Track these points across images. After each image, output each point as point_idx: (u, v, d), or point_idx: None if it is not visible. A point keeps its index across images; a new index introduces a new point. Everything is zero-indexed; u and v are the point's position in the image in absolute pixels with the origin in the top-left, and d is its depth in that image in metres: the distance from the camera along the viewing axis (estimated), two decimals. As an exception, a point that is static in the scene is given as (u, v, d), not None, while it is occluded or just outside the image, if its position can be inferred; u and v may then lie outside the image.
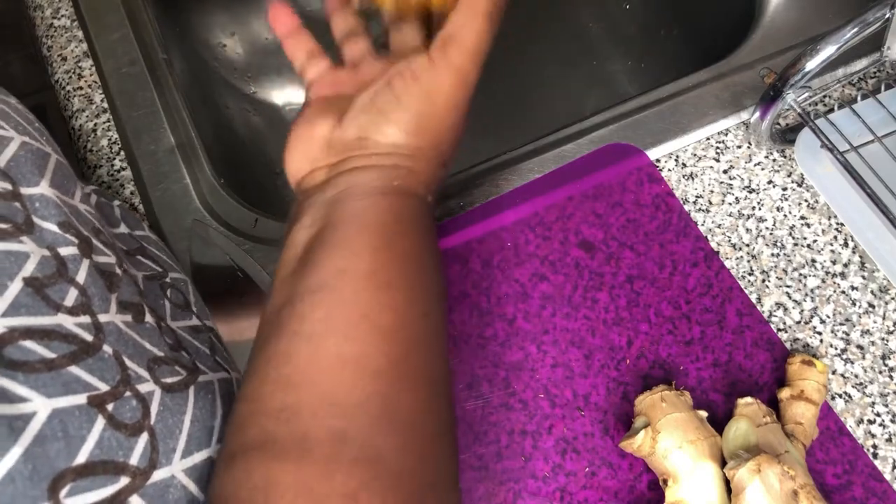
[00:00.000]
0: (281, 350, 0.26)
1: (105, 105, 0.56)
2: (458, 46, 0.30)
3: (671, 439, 0.38)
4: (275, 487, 0.22)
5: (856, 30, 0.42)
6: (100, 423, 0.23)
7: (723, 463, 0.38)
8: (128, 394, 0.25)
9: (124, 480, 0.23)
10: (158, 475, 0.24)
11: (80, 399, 0.23)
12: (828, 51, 0.43)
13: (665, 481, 0.38)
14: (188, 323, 0.36)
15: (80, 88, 0.56)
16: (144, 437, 0.24)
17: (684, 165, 0.50)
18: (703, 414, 0.40)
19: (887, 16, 0.42)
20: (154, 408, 0.25)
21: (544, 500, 0.41)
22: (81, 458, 0.22)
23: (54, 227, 0.27)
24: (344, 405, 0.24)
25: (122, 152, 0.53)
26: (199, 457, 0.26)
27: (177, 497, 0.24)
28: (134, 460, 0.23)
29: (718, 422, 0.40)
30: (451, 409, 0.28)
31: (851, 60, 0.52)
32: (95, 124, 0.55)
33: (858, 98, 0.48)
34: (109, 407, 0.23)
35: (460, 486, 0.27)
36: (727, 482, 0.37)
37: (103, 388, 0.24)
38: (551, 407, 0.43)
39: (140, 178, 0.52)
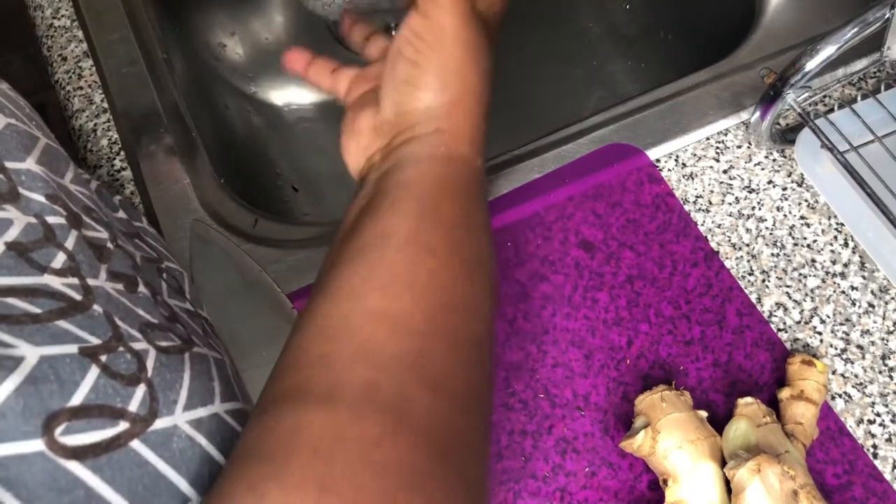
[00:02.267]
0: (323, 306, 0.27)
1: (105, 105, 0.56)
2: None
3: (671, 439, 0.38)
4: (302, 431, 0.22)
5: (856, 30, 0.42)
6: (93, 370, 0.22)
7: (723, 463, 0.38)
8: (121, 349, 0.24)
9: (123, 425, 0.22)
10: (161, 423, 0.24)
11: (71, 349, 0.22)
12: (828, 51, 0.43)
13: (665, 481, 0.38)
14: (184, 305, 0.36)
15: (80, 88, 0.56)
16: (142, 387, 0.24)
17: (684, 165, 0.50)
18: (703, 414, 0.40)
19: (887, 16, 0.42)
20: (150, 364, 0.25)
21: (544, 500, 0.41)
22: (76, 400, 0.21)
23: (41, 198, 0.27)
24: (377, 357, 0.24)
25: (122, 152, 0.53)
26: (203, 412, 0.26)
27: (182, 447, 0.24)
28: (133, 407, 0.23)
29: (718, 422, 0.40)
30: (489, 373, 0.29)
31: (851, 60, 0.52)
32: (95, 124, 0.55)
33: (858, 98, 0.48)
34: (103, 358, 0.23)
35: (489, 452, 0.27)
36: (727, 482, 0.37)
37: (94, 341, 0.23)
38: (551, 407, 0.43)
39: (140, 178, 0.52)
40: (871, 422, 0.42)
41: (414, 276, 0.27)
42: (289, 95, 0.76)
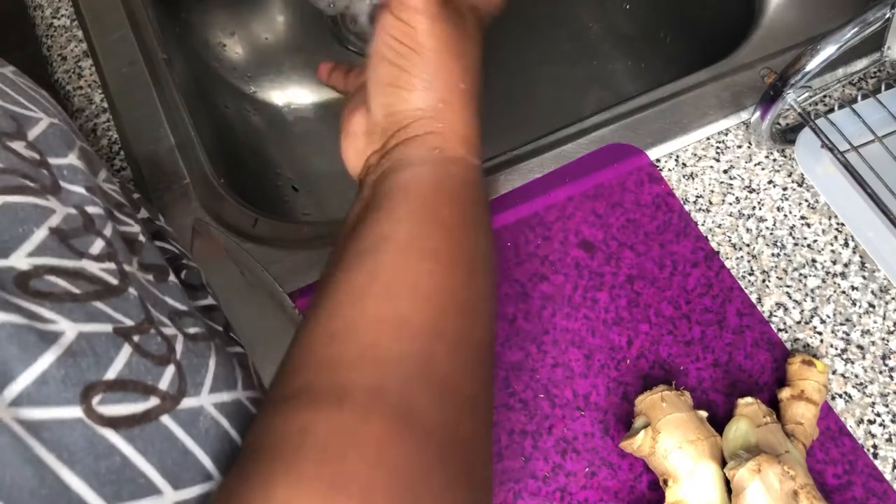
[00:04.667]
0: (328, 308, 0.27)
1: (105, 105, 0.56)
2: None
3: (671, 439, 0.38)
4: (311, 431, 0.23)
5: (856, 30, 0.42)
6: (126, 349, 0.23)
7: (723, 463, 0.38)
8: (152, 331, 0.25)
9: (154, 401, 0.23)
10: (188, 403, 0.24)
11: (106, 328, 0.23)
12: (828, 51, 0.43)
13: (665, 481, 0.38)
14: (202, 302, 0.36)
15: (80, 88, 0.56)
16: (171, 368, 0.25)
17: (684, 165, 0.50)
18: (703, 414, 0.40)
19: (887, 15, 0.42)
20: (179, 348, 0.26)
21: (544, 500, 0.41)
22: (111, 374, 0.22)
23: (81, 190, 0.28)
24: (381, 361, 0.25)
25: (122, 152, 0.53)
26: (227, 396, 0.27)
27: (207, 426, 0.25)
28: (163, 385, 0.24)
29: (718, 422, 0.40)
30: (490, 374, 0.29)
31: (851, 60, 0.52)
32: (95, 124, 0.55)
33: (858, 98, 0.48)
34: (135, 338, 0.24)
35: (491, 454, 0.28)
36: (727, 482, 0.37)
37: (128, 322, 0.24)
38: (551, 407, 0.43)
39: (140, 178, 0.52)
40: (871, 422, 0.42)
41: (415, 280, 0.27)
42: (289, 95, 0.76)
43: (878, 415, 0.42)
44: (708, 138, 0.51)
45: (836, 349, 0.44)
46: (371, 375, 0.24)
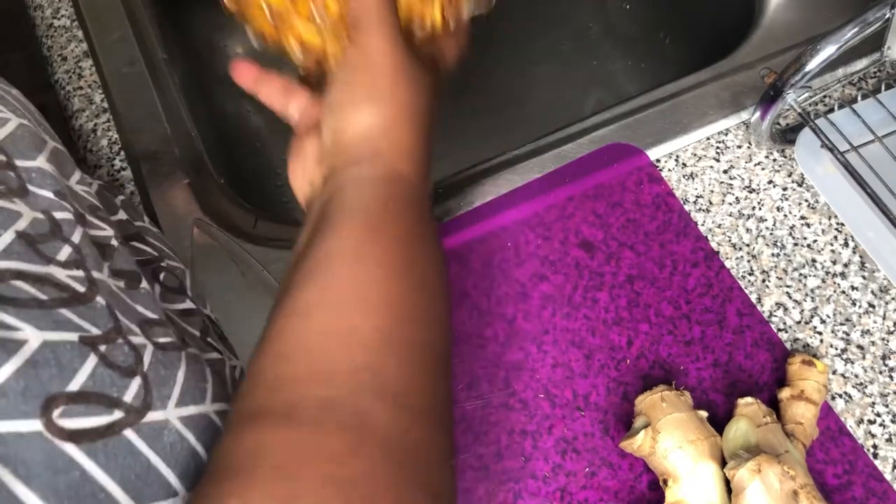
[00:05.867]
0: (277, 328, 0.27)
1: (105, 105, 0.56)
2: (364, 15, 0.32)
3: (671, 439, 0.38)
4: (263, 450, 0.23)
5: (856, 30, 0.42)
6: (92, 359, 0.23)
7: (723, 463, 0.38)
8: (120, 341, 0.25)
9: (118, 414, 0.23)
10: (153, 416, 0.24)
11: (72, 336, 0.23)
12: (828, 51, 0.43)
13: (665, 481, 0.38)
14: (179, 306, 0.36)
15: (80, 88, 0.56)
16: (137, 380, 0.24)
17: (684, 165, 0.50)
18: (704, 414, 0.40)
19: (887, 16, 0.42)
20: (147, 358, 0.26)
21: (544, 500, 0.41)
22: (74, 386, 0.22)
23: (50, 195, 0.27)
24: (332, 375, 0.25)
25: (122, 152, 0.53)
26: (193, 409, 0.27)
27: (172, 441, 0.25)
28: (128, 398, 0.23)
29: (718, 422, 0.40)
30: (448, 382, 0.29)
31: (851, 60, 0.52)
32: (95, 124, 0.55)
33: (858, 98, 0.48)
34: (102, 348, 0.24)
35: (454, 461, 0.29)
36: (727, 482, 0.37)
37: (95, 331, 0.24)
38: (551, 407, 0.43)
39: (140, 178, 0.52)
40: (871, 422, 0.42)
41: (365, 292, 0.27)
42: (289, 95, 0.76)
43: (878, 415, 0.42)
44: (708, 138, 0.51)
45: (836, 349, 0.44)
46: (322, 390, 0.24)
